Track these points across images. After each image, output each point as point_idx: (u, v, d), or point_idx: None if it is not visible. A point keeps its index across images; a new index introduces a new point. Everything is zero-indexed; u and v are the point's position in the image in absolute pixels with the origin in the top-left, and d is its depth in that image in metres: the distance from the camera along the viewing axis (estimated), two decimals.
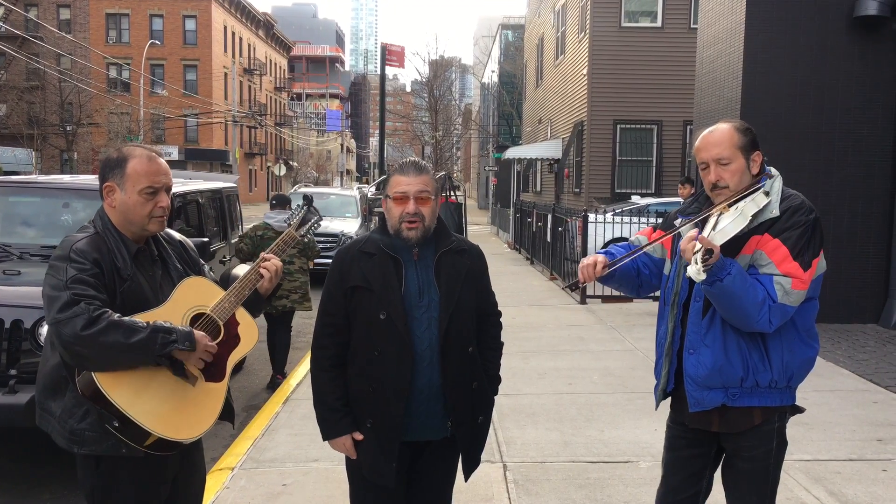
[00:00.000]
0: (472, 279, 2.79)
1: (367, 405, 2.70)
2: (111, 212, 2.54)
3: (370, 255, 2.70)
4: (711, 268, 2.40)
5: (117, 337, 2.26)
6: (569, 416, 5.88)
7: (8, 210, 6.17)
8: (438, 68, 46.58)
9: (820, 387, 6.42)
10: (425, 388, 2.68)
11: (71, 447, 2.45)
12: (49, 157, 45.23)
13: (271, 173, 63.96)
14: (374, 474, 2.71)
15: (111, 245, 2.48)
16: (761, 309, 2.47)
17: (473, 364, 2.77)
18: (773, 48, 9.41)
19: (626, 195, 17.60)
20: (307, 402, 6.22)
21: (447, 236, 2.80)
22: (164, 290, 2.56)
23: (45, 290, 2.36)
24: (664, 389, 2.79)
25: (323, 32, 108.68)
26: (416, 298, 2.68)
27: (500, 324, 2.98)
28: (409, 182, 2.68)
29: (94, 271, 2.37)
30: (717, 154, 2.62)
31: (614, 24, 18.34)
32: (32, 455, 5.36)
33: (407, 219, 2.66)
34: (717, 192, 2.63)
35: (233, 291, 2.60)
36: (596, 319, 10.06)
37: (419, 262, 2.73)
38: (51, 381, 2.49)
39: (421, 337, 2.66)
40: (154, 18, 52.01)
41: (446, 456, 2.85)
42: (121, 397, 2.29)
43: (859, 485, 4.56)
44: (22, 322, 4.48)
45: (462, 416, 2.76)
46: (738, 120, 2.78)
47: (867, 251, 9.45)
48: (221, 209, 7.96)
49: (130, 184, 2.51)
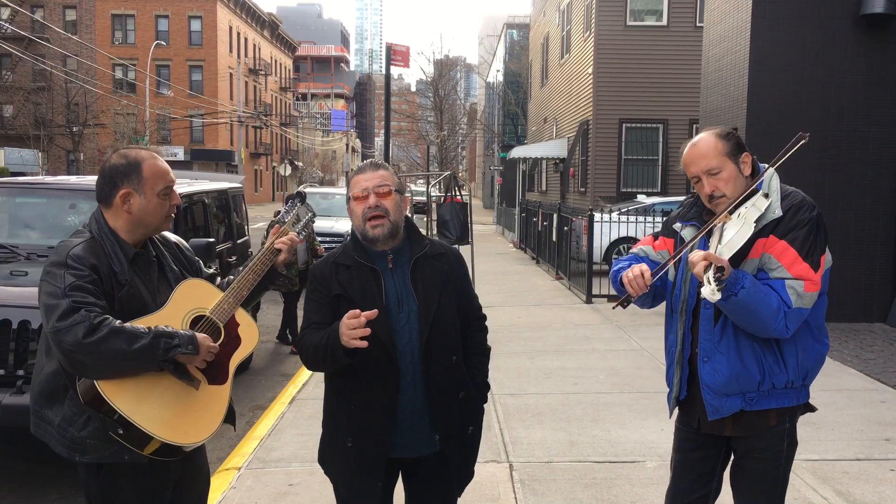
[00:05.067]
0: (451, 284, 2.68)
1: (348, 422, 2.60)
2: (120, 217, 2.48)
3: (347, 267, 2.61)
4: (724, 285, 2.35)
5: (120, 344, 2.21)
6: (575, 415, 5.87)
7: (15, 211, 6.19)
8: (443, 68, 46.55)
9: (827, 386, 6.40)
10: (409, 403, 2.57)
11: (72, 456, 2.40)
12: (55, 158, 45.38)
13: (277, 173, 64.03)
14: (355, 495, 2.61)
15: (108, 250, 2.43)
16: (777, 316, 2.44)
17: (458, 374, 2.66)
18: (779, 46, 9.38)
19: (632, 194, 17.56)
20: (314, 402, 6.23)
21: (420, 240, 2.71)
22: (161, 293, 2.51)
23: (42, 298, 2.30)
24: (677, 397, 2.76)
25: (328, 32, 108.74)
26: (396, 310, 2.58)
27: (485, 328, 2.88)
28: (368, 178, 2.61)
29: (92, 277, 2.32)
30: (705, 166, 2.58)
31: (620, 22, 18.30)
32: (39, 455, 5.37)
33: (370, 214, 2.57)
34: (716, 202, 2.59)
35: (231, 292, 2.56)
36: (602, 319, 10.04)
37: (395, 270, 2.62)
38: (47, 389, 2.44)
39: (403, 351, 2.56)
40: (160, 19, 52.11)
41: (441, 470, 2.73)
42: (124, 403, 2.25)
43: (867, 484, 4.54)
44: (29, 323, 4.50)
45: (450, 429, 2.65)
46: (719, 126, 2.74)
47: (874, 250, 9.42)
48: (227, 210, 7.97)
49: (149, 187, 2.47)
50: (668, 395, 2.84)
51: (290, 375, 7.40)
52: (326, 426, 2.73)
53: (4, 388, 4.41)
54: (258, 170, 61.67)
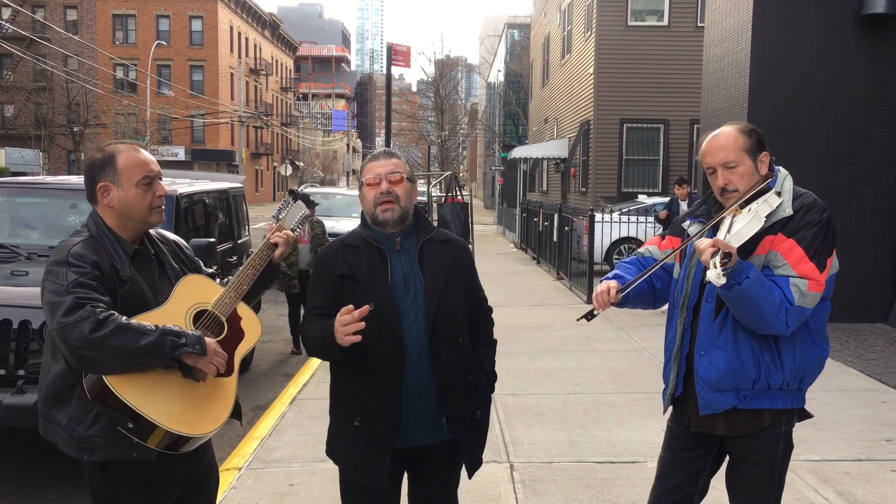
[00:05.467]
0: (457, 269, 2.73)
1: (355, 403, 2.62)
2: (107, 213, 2.50)
3: (354, 247, 2.68)
4: (730, 271, 2.36)
5: (126, 340, 2.22)
6: (576, 416, 5.87)
7: (16, 211, 6.20)
8: (444, 68, 46.55)
9: (828, 386, 6.39)
10: (415, 384, 2.59)
11: (80, 455, 2.41)
12: (56, 158, 45.41)
13: (277, 173, 64.06)
14: (363, 476, 2.62)
15: (108, 247, 2.44)
16: (778, 312, 2.44)
17: (465, 355, 2.69)
18: (780, 46, 9.38)
19: (633, 194, 17.56)
20: (314, 402, 6.23)
21: (427, 225, 2.78)
22: (162, 291, 2.53)
23: (46, 297, 2.31)
24: (672, 394, 2.76)
25: (329, 32, 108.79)
26: (402, 290, 2.62)
27: (491, 319, 2.92)
28: (381, 165, 2.70)
29: (94, 274, 2.33)
30: (723, 158, 2.59)
31: (621, 22, 18.30)
32: (40, 455, 5.38)
33: (381, 199, 2.65)
34: (727, 195, 2.60)
35: (231, 287, 2.59)
36: (603, 319, 10.03)
37: (402, 253, 2.68)
38: (54, 390, 2.44)
39: (409, 330, 2.59)
40: (160, 19, 52.14)
41: (448, 460, 2.76)
42: (132, 396, 2.26)
43: (868, 485, 4.54)
44: (30, 322, 4.49)
45: (459, 411, 2.66)
46: (743, 122, 2.74)
47: (875, 251, 9.41)
48: (228, 209, 7.97)
49: (125, 178, 2.48)
50: (664, 392, 2.83)
51: (291, 375, 7.40)
52: (333, 411, 2.76)
53: (5, 388, 4.40)
54: (259, 170, 61.70)
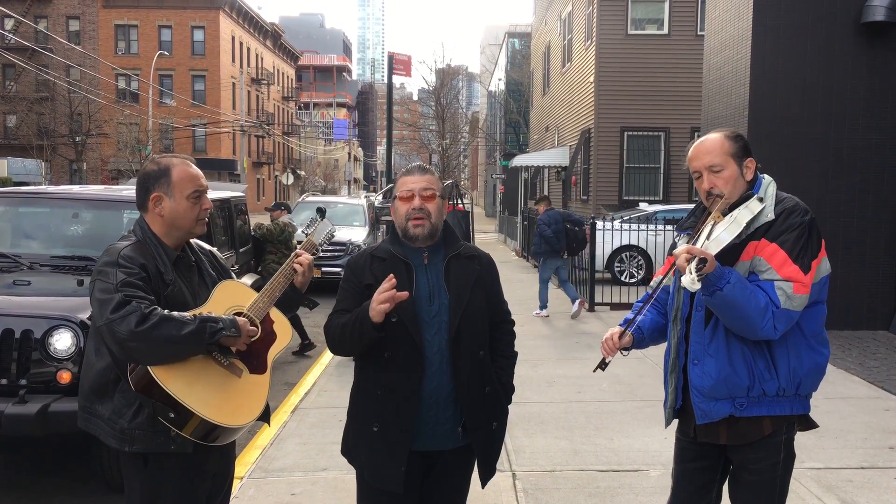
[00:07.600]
0: (482, 285, 2.80)
1: (374, 409, 2.70)
2: (156, 221, 2.68)
3: (381, 260, 2.75)
4: (708, 277, 2.38)
5: (170, 330, 2.39)
6: (578, 424, 5.86)
7: (18, 221, 6.20)
8: (445, 77, 46.60)
9: (831, 394, 6.38)
10: (434, 393, 2.67)
11: (122, 446, 2.56)
12: (58, 168, 45.49)
13: (279, 182, 64.15)
14: (379, 479, 2.69)
15: (153, 252, 2.63)
16: (765, 315, 2.45)
17: (485, 369, 2.76)
18: (780, 54, 9.40)
19: (634, 202, 17.56)
20: (316, 410, 6.23)
21: (456, 241, 2.84)
22: (200, 295, 2.71)
23: (96, 295, 2.48)
24: (673, 406, 2.77)
25: (330, 42, 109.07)
26: (427, 303, 2.70)
27: (513, 332, 2.97)
28: (415, 181, 2.75)
29: (141, 275, 2.52)
30: (708, 162, 2.63)
31: (621, 31, 18.35)
32: (42, 464, 5.37)
33: (413, 215, 2.71)
34: (712, 199, 2.62)
35: (265, 292, 2.75)
36: (605, 326, 10.03)
37: (429, 267, 2.75)
38: (97, 385, 2.61)
39: (430, 341, 2.67)
40: (162, 29, 52.27)
41: (460, 466, 2.83)
42: (175, 387, 2.42)
43: (871, 493, 4.52)
44: (32, 332, 4.49)
45: (477, 420, 2.74)
46: (729, 128, 2.79)
47: (877, 258, 9.40)
48: (230, 219, 7.99)
49: (178, 190, 2.66)
50: (664, 404, 2.84)
51: (293, 384, 7.40)
52: (352, 414, 2.83)
53: (7, 397, 4.39)
54: (261, 179, 61.77)
